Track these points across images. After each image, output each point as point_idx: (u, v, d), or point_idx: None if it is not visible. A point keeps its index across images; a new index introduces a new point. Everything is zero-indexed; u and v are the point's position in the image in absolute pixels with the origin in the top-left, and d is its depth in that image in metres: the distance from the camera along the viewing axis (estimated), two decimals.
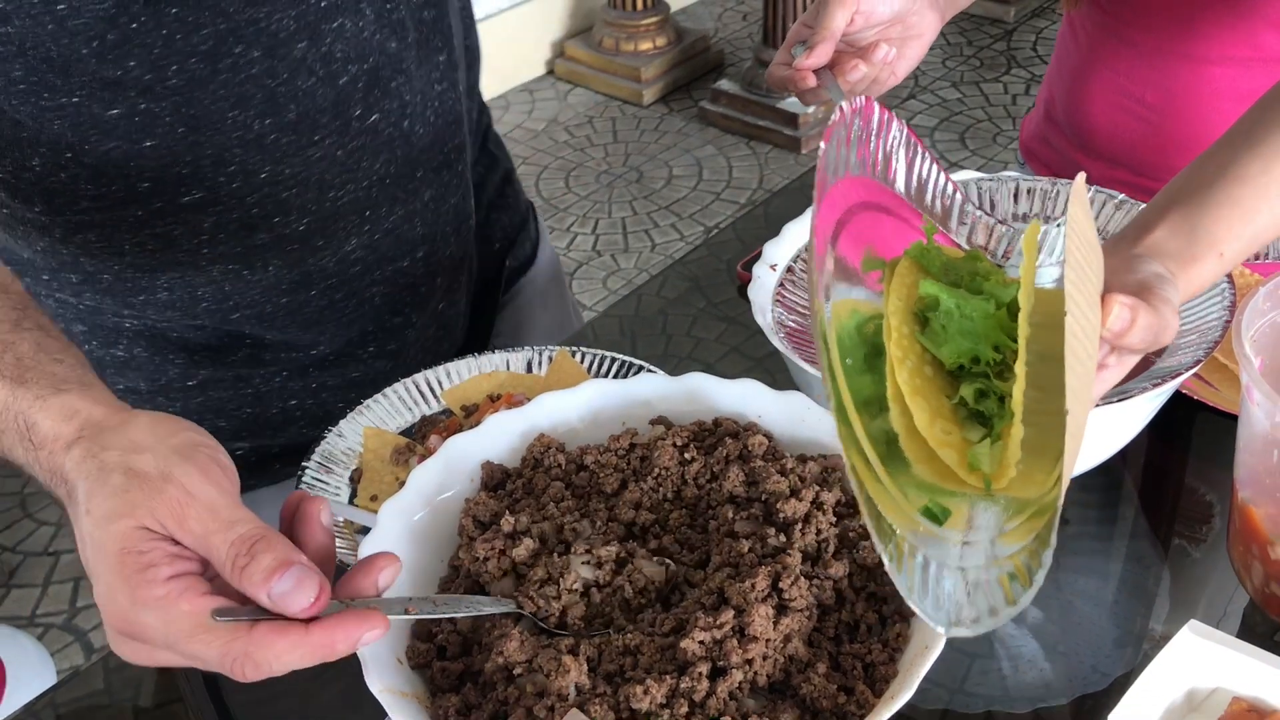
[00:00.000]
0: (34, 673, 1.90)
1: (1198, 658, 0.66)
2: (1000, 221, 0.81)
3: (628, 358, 0.95)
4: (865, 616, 0.64)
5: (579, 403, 0.77)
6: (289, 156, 0.89)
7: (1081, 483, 0.85)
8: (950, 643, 0.76)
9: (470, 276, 1.11)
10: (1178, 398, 0.88)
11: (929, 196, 0.74)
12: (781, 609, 0.62)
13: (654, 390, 0.78)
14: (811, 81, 0.94)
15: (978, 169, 2.15)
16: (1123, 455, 0.83)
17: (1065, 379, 0.52)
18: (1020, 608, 0.52)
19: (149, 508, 0.55)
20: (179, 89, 0.83)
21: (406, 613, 0.60)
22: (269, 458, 1.03)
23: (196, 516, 0.55)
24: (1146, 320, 0.62)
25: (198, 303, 0.96)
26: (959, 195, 0.76)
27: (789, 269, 0.90)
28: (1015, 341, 0.57)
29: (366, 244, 0.97)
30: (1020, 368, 0.56)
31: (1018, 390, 0.56)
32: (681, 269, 1.20)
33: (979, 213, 0.77)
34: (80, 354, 0.67)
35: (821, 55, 0.92)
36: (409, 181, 0.98)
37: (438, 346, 1.08)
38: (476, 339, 1.17)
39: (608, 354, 0.96)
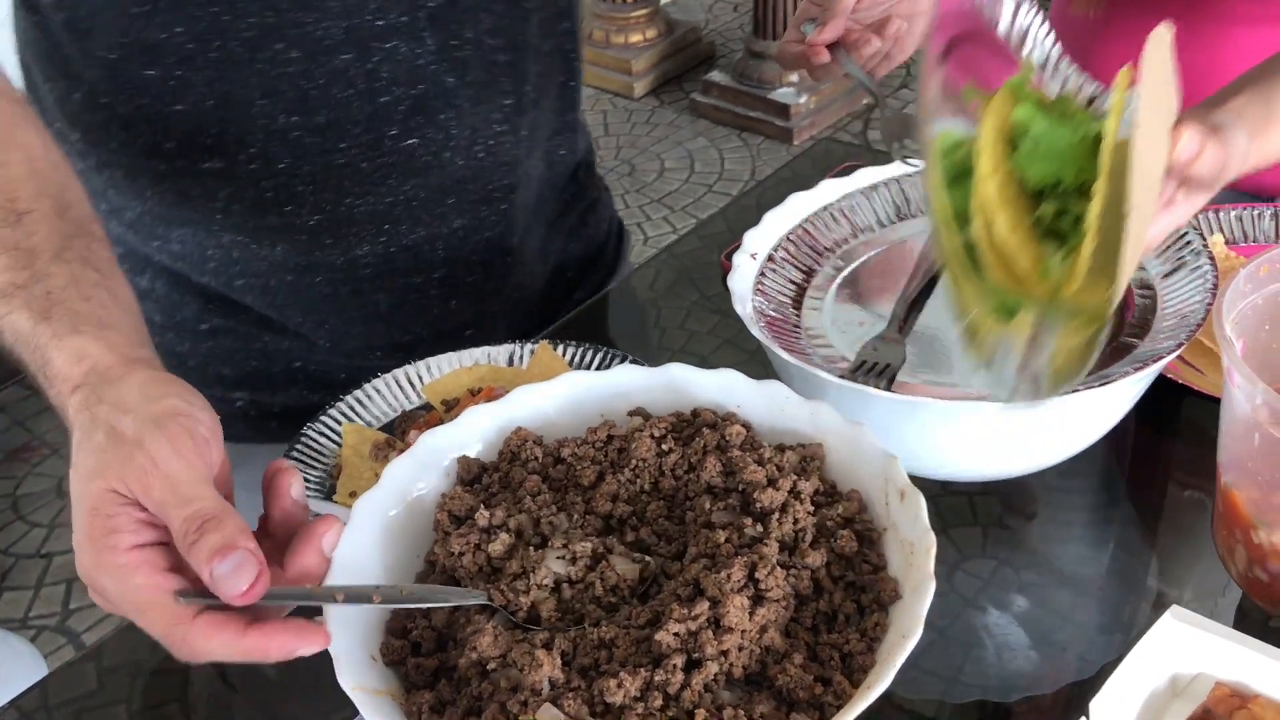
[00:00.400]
0: (26, 675, 1.89)
1: (1180, 643, 0.66)
2: (1093, 80, 0.82)
3: (610, 349, 0.95)
4: (843, 606, 0.64)
5: (556, 395, 0.76)
6: (311, 155, 0.90)
7: (1068, 469, 0.85)
8: (943, 633, 0.77)
9: (512, 311, 1.09)
10: (1165, 382, 0.87)
11: (1030, 43, 0.77)
12: (757, 599, 0.61)
13: (632, 381, 0.77)
14: (826, 57, 0.98)
15: None
16: (1110, 441, 0.82)
17: (1129, 185, 0.58)
18: (1070, 387, 0.64)
19: (119, 472, 0.56)
20: (216, 64, 0.85)
21: (372, 601, 0.60)
22: (268, 415, 1.03)
23: (159, 487, 0.56)
24: (1214, 152, 0.65)
25: (206, 262, 0.98)
26: (1058, 47, 0.78)
27: (769, 257, 0.90)
28: (1096, 170, 0.62)
29: (380, 254, 0.97)
30: (1100, 185, 0.61)
31: (1095, 203, 0.61)
32: (674, 262, 1.19)
33: (1073, 69, 0.78)
34: (117, 286, 0.68)
35: (834, 30, 0.96)
36: (437, 206, 0.97)
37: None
38: None
39: (590, 346, 0.96)
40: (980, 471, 0.81)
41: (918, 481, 0.66)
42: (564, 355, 0.96)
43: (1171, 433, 0.93)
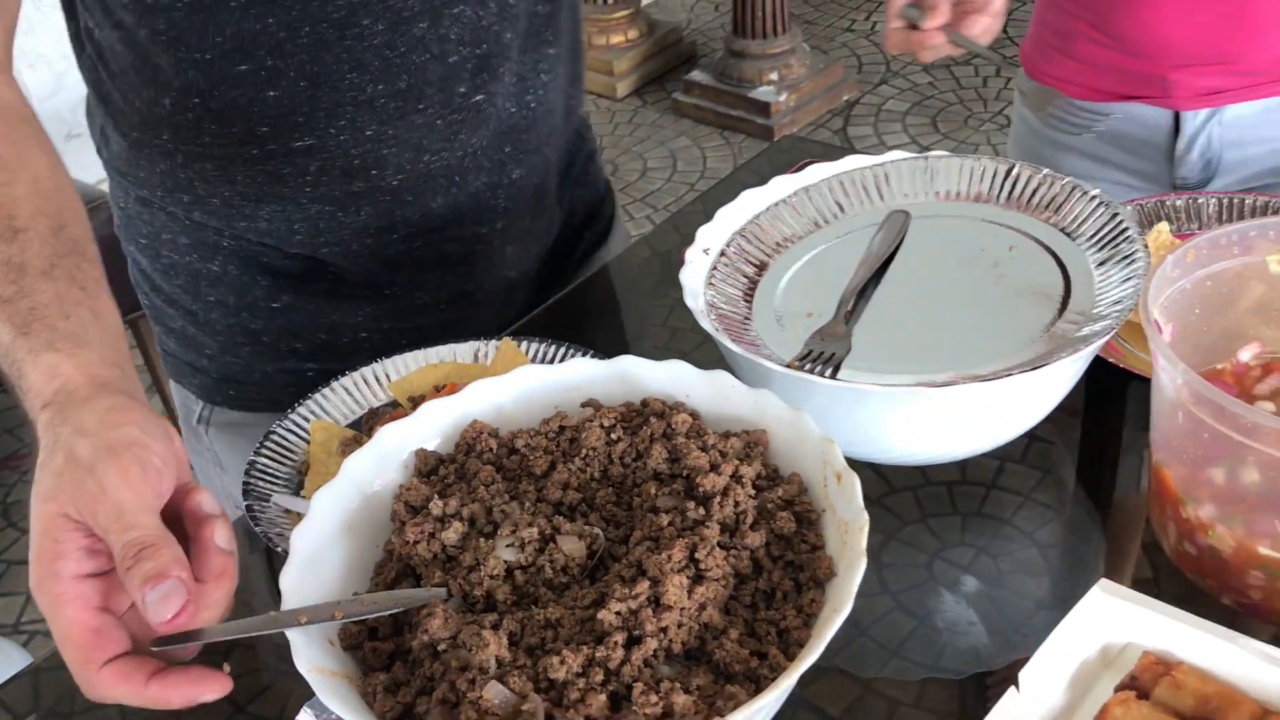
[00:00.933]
0: None
1: (1109, 615, 0.68)
2: None
3: (571, 345, 0.97)
4: (781, 584, 0.66)
5: (511, 389, 0.79)
6: (394, 119, 0.97)
7: (1013, 451, 0.87)
8: (924, 621, 0.78)
9: (544, 248, 1.17)
10: (1110, 365, 0.89)
11: None
12: (697, 579, 0.64)
13: (585, 374, 0.79)
14: (940, 39, 1.07)
15: (950, 151, 2.15)
16: (1056, 422, 0.84)
17: None
18: None
19: (71, 495, 0.60)
20: (307, 48, 0.91)
21: (334, 618, 0.63)
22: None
23: (105, 513, 0.59)
24: None
25: (293, 234, 1.03)
26: None
27: (722, 252, 0.92)
28: None
29: (451, 204, 1.04)
30: None
31: None
32: (658, 260, 1.21)
33: None
34: (100, 306, 0.72)
35: (944, 14, 1.06)
36: (496, 154, 1.05)
37: (505, 309, 1.15)
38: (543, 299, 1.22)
39: (552, 342, 0.98)
40: (925, 454, 0.84)
41: (856, 464, 0.68)
42: (527, 351, 0.98)
43: (1119, 414, 0.96)
